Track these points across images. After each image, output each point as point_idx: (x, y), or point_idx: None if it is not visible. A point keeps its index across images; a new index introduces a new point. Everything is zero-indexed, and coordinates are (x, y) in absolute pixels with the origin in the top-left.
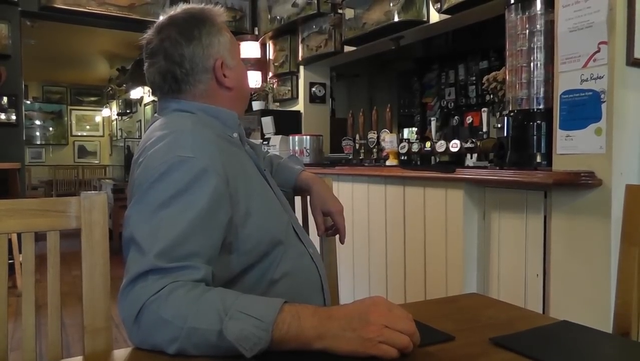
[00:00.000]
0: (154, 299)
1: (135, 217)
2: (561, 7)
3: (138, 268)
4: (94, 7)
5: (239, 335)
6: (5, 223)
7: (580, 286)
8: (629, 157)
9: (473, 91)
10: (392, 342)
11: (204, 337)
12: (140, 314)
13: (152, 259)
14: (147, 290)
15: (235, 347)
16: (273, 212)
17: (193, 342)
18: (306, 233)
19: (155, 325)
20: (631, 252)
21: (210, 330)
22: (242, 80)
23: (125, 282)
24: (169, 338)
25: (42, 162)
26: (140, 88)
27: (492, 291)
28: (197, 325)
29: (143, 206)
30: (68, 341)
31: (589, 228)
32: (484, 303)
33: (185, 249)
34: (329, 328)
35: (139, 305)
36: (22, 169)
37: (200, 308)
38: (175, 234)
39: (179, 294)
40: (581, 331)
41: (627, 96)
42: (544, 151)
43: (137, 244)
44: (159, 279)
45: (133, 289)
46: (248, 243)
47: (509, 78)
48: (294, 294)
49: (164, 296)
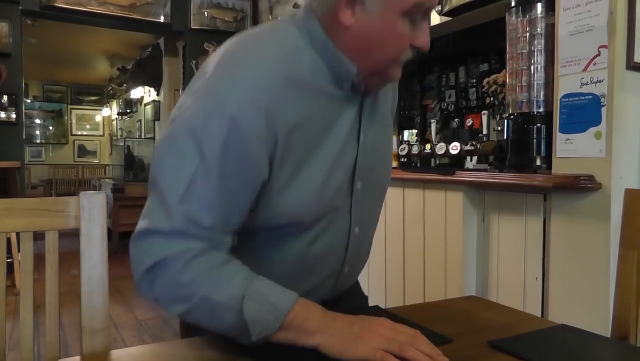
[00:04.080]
0: (174, 260)
1: (164, 160)
2: (562, 10)
3: (161, 222)
4: (94, 7)
5: (254, 317)
6: (4, 222)
7: (579, 290)
8: (628, 161)
9: (473, 93)
10: (390, 348)
11: (216, 309)
12: (155, 268)
13: (178, 219)
14: (166, 248)
15: (242, 327)
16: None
17: (202, 311)
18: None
19: (169, 284)
20: (630, 256)
21: (226, 305)
22: (378, 33)
23: (143, 227)
24: (180, 299)
25: (41, 161)
26: (141, 88)
27: (491, 293)
28: (214, 295)
29: (173, 150)
30: (66, 340)
31: (588, 231)
32: (482, 305)
33: (212, 216)
34: (330, 325)
35: (156, 258)
36: (22, 168)
37: (221, 280)
38: (204, 198)
39: (201, 262)
40: (579, 335)
41: (627, 99)
42: (543, 154)
43: (162, 194)
44: (180, 241)
45: (152, 241)
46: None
47: (509, 81)
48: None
49: (186, 260)
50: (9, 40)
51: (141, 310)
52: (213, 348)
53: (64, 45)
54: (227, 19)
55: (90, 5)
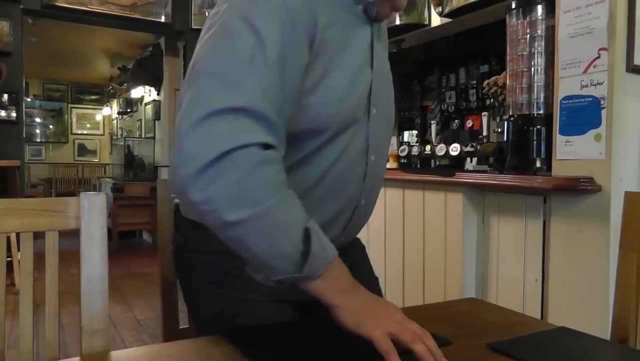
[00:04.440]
0: (246, 156)
1: (216, 47)
2: (562, 12)
3: (227, 100)
4: (96, 6)
5: (314, 252)
6: (4, 222)
7: (579, 291)
8: (628, 163)
9: (474, 94)
10: (401, 335)
11: (274, 229)
12: (222, 160)
13: (250, 95)
14: (236, 135)
15: (285, 259)
16: (353, 91)
17: (258, 226)
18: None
19: (236, 182)
20: (629, 258)
21: (286, 229)
22: None
23: (205, 113)
24: (242, 204)
25: (41, 160)
26: (141, 87)
27: (491, 295)
28: (277, 212)
29: (225, 35)
30: (65, 340)
31: (588, 233)
32: (482, 307)
33: (270, 100)
34: (355, 292)
35: (222, 150)
36: (22, 167)
37: (286, 200)
38: (263, 79)
39: (271, 171)
40: (579, 337)
41: (627, 102)
42: (543, 156)
43: (222, 75)
44: (253, 126)
45: (220, 127)
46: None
47: (509, 83)
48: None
49: (259, 160)
50: (10, 39)
51: (140, 310)
52: (213, 348)
53: (65, 44)
54: None
55: (92, 4)
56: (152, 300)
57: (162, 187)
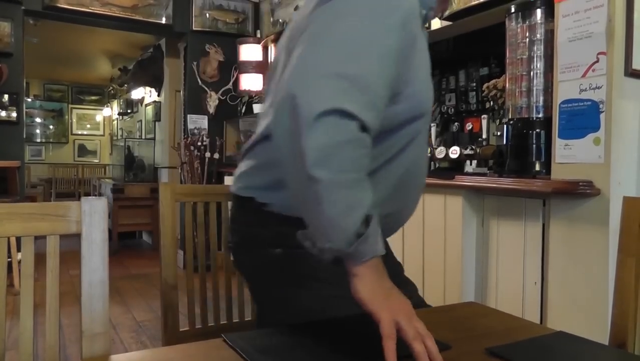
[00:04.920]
0: (347, 126)
1: (344, 20)
2: (561, 16)
3: (349, 104)
4: (97, 8)
5: (367, 234)
6: (5, 226)
7: (579, 294)
8: (627, 167)
9: (473, 97)
10: (406, 329)
11: (346, 201)
12: (331, 116)
13: (366, 73)
14: (348, 101)
15: (354, 235)
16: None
17: (335, 192)
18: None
19: (333, 146)
20: (628, 263)
21: (359, 204)
22: None
23: (325, 108)
24: (329, 166)
25: (41, 160)
26: (142, 88)
27: (490, 298)
28: (354, 188)
29: (353, 13)
30: (65, 342)
31: (587, 236)
32: (481, 312)
33: (385, 88)
34: (381, 276)
35: (337, 106)
36: (22, 168)
37: (365, 182)
38: (385, 56)
39: (362, 152)
40: (577, 342)
41: (625, 106)
42: (543, 159)
43: (349, 75)
44: (360, 100)
45: (338, 85)
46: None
47: (509, 86)
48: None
49: (355, 137)
50: (11, 39)
51: (140, 311)
52: (213, 352)
53: (66, 45)
54: (228, 20)
55: (93, 6)
56: (151, 301)
57: (163, 189)
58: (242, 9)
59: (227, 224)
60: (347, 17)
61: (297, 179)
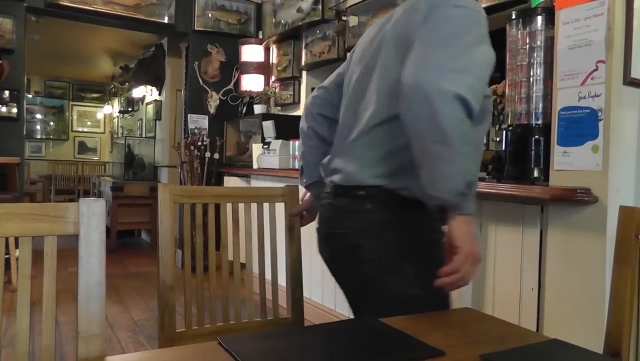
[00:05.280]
0: (463, 111)
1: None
2: (561, 24)
3: (471, 92)
4: (99, 6)
5: (469, 195)
6: (3, 227)
7: (575, 301)
8: (624, 175)
9: None
10: (465, 274)
11: (461, 165)
12: (463, 124)
13: (477, 95)
14: (468, 89)
15: (458, 194)
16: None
17: (457, 156)
18: None
19: (463, 121)
20: (624, 272)
21: (467, 172)
22: None
23: (459, 92)
24: (453, 137)
25: (41, 156)
26: (143, 87)
27: (487, 303)
28: (468, 159)
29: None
30: (61, 339)
31: (584, 243)
32: (476, 318)
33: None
34: (472, 226)
35: (459, 93)
36: (22, 164)
37: (474, 157)
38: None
39: (471, 132)
40: (571, 350)
41: (624, 114)
42: (541, 166)
43: (473, 70)
44: (474, 89)
45: (466, 103)
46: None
47: (508, 92)
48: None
49: (469, 123)
50: (13, 36)
51: (137, 310)
52: (209, 355)
53: (68, 42)
54: (230, 21)
55: (95, 4)
56: (149, 301)
57: (162, 190)
58: (244, 9)
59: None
60: (466, 35)
61: (428, 144)
